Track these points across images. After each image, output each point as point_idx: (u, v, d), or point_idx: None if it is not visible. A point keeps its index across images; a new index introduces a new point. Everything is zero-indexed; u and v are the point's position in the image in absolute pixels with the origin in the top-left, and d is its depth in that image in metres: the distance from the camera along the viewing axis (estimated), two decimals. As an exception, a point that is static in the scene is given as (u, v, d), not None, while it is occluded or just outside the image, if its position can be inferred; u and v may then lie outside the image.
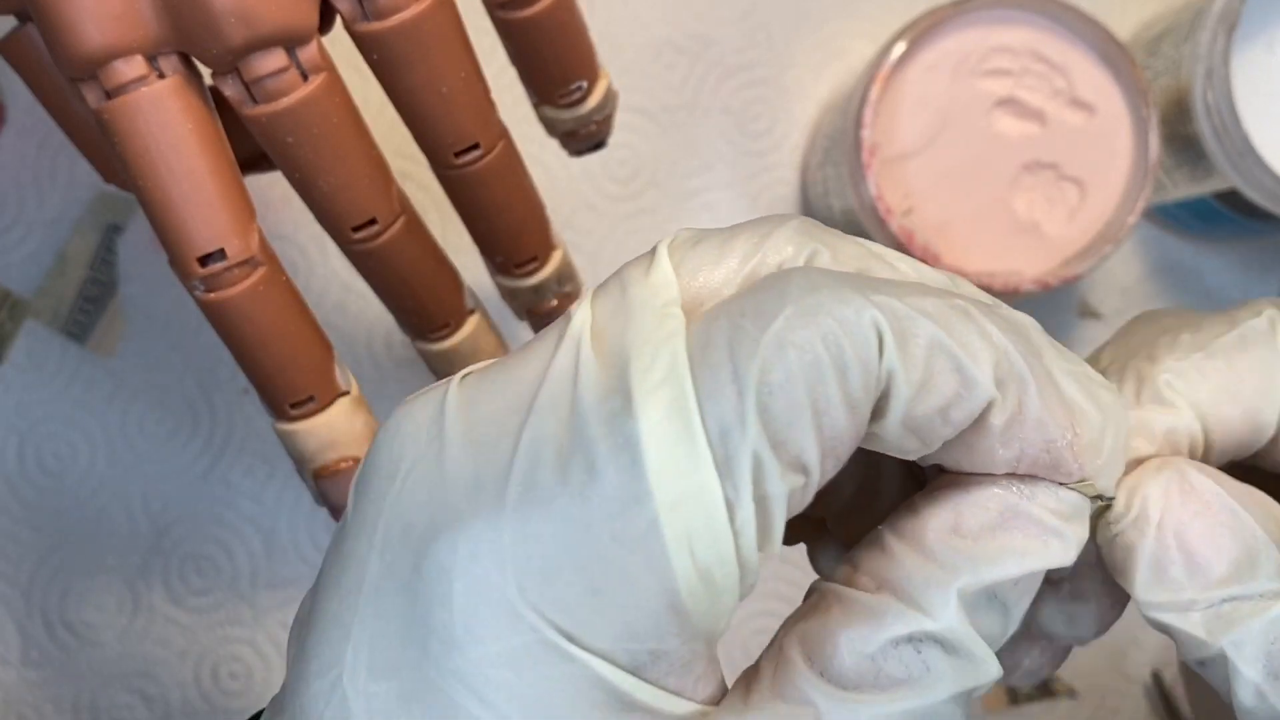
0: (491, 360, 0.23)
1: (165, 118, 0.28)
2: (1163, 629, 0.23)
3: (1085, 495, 0.22)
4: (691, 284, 0.22)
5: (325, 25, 0.30)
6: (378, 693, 0.20)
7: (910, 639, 0.21)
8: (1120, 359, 0.25)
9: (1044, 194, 0.43)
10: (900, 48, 0.42)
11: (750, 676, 0.21)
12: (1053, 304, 0.49)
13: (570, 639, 0.20)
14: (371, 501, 0.21)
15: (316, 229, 0.46)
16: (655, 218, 0.49)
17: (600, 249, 0.48)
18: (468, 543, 0.20)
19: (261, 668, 0.47)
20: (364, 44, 0.30)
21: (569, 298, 0.38)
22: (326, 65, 0.30)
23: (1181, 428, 0.24)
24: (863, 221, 0.43)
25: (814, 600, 0.22)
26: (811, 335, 0.20)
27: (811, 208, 0.48)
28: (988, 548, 0.21)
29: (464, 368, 0.23)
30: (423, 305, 0.35)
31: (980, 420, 0.21)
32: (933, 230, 0.43)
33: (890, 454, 0.22)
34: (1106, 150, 0.43)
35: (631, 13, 0.49)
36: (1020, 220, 0.43)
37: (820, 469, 0.20)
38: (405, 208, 0.33)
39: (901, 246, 0.42)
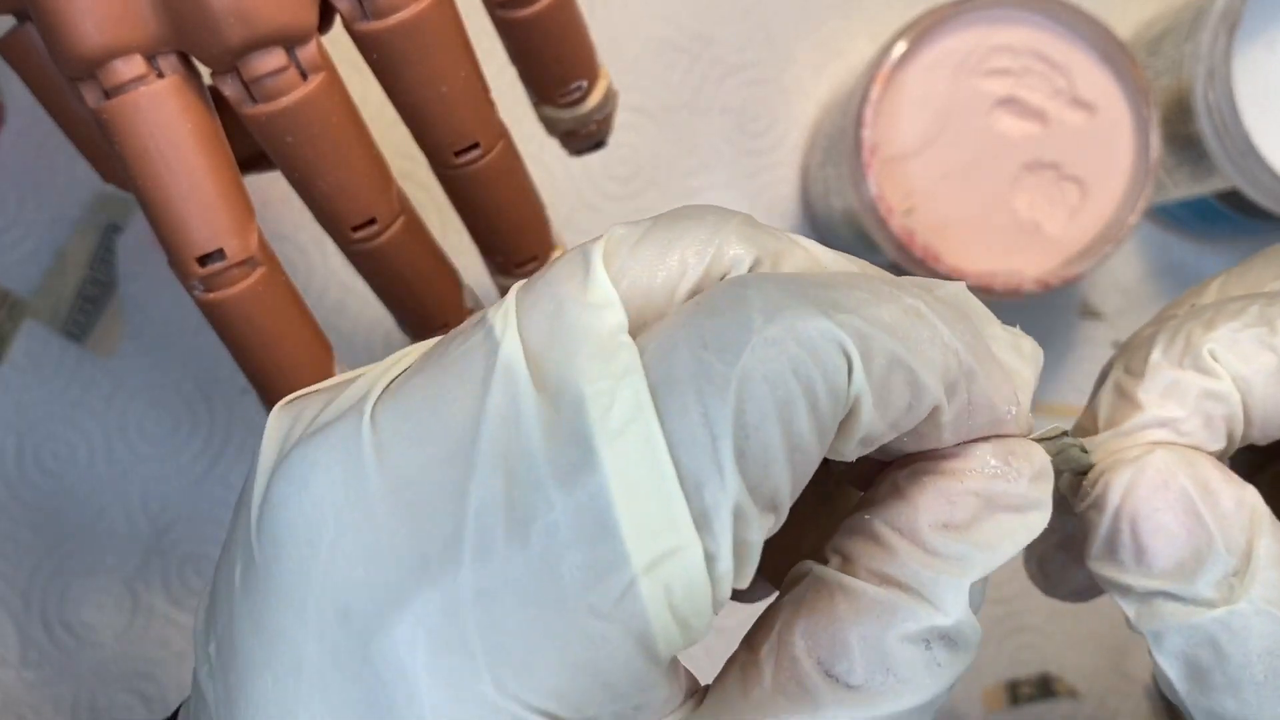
0: (402, 375, 0.20)
1: (164, 117, 0.28)
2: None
3: (1069, 450, 0.23)
4: (632, 293, 0.21)
5: (325, 24, 0.30)
6: None
7: (922, 636, 0.20)
8: (1185, 317, 0.25)
9: (1045, 194, 0.43)
10: (901, 47, 0.42)
11: (747, 669, 0.21)
12: (1053, 304, 0.49)
13: (554, 719, 0.19)
14: (291, 571, 0.19)
15: (316, 229, 0.46)
16: (655, 217, 0.48)
17: (600, 249, 0.48)
18: (425, 631, 0.18)
19: (261, 668, 0.47)
20: (363, 43, 0.30)
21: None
22: (326, 65, 0.30)
23: (1219, 395, 0.23)
24: (863, 221, 0.43)
25: (814, 590, 0.21)
26: (782, 367, 0.18)
27: (812, 208, 0.48)
28: (986, 537, 0.21)
29: None
30: (423, 305, 0.35)
31: (930, 418, 0.21)
32: (933, 230, 0.43)
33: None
34: (1107, 150, 0.43)
35: (631, 13, 0.49)
36: (1021, 220, 0.43)
37: (790, 502, 0.19)
38: (405, 208, 0.33)
39: (902, 246, 0.42)
